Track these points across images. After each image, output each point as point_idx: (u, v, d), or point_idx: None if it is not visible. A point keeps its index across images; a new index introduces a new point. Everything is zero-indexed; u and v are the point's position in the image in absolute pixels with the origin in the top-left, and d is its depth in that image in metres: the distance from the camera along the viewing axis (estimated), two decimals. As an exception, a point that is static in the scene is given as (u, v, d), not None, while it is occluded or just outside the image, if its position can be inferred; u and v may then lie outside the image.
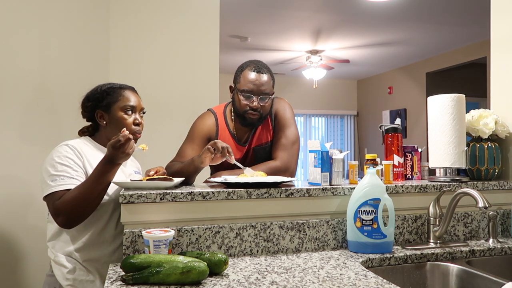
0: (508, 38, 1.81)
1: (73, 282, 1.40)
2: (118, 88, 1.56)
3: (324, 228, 1.46)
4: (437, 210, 1.50)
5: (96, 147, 1.54)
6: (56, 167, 1.39)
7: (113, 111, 1.52)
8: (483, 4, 3.70)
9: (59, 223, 1.36)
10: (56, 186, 1.36)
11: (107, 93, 1.54)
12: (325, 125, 9.25)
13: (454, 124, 1.63)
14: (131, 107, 1.53)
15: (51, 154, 1.44)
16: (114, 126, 1.51)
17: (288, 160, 1.76)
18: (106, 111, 1.53)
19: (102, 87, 1.56)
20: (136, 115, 1.55)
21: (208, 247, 1.34)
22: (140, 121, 1.55)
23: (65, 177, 1.38)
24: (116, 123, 1.51)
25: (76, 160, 1.43)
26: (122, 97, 1.53)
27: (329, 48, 6.34)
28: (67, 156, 1.42)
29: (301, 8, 4.58)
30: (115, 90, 1.55)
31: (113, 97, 1.53)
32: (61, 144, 1.46)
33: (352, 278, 1.15)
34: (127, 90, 1.56)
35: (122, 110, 1.52)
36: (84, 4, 2.44)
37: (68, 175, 1.38)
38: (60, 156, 1.42)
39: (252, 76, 1.71)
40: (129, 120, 1.52)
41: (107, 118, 1.53)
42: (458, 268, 1.37)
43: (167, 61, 2.67)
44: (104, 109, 1.53)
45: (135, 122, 1.54)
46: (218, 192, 1.36)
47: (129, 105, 1.53)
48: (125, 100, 1.53)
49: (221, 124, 1.82)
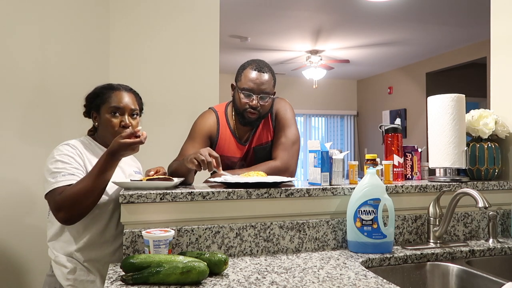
0: (508, 38, 1.81)
1: (74, 282, 1.40)
2: (109, 89, 1.54)
3: (324, 228, 1.46)
4: (437, 210, 1.50)
5: (95, 147, 1.54)
6: (57, 165, 1.39)
7: (102, 112, 1.51)
8: (483, 4, 3.70)
9: (60, 219, 1.35)
10: (56, 183, 1.36)
11: (97, 94, 1.54)
12: (325, 125, 9.25)
13: (454, 124, 1.63)
14: (117, 108, 1.50)
15: (52, 153, 1.45)
16: (103, 127, 1.51)
17: (288, 160, 1.76)
18: (97, 111, 1.54)
19: (97, 88, 1.56)
20: (125, 116, 1.51)
21: (208, 247, 1.34)
22: (127, 123, 1.51)
23: (66, 173, 1.37)
24: (104, 125, 1.51)
25: (77, 158, 1.43)
26: (110, 98, 1.51)
27: (329, 48, 6.34)
28: (67, 154, 1.42)
29: (301, 8, 4.58)
30: (105, 91, 1.53)
31: (102, 98, 1.52)
32: (62, 144, 1.47)
33: (352, 278, 1.15)
34: (118, 91, 1.53)
35: (108, 111, 1.50)
36: (84, 4, 2.44)
37: (68, 171, 1.38)
38: (61, 154, 1.42)
39: (253, 74, 1.71)
40: (115, 121, 1.50)
41: (98, 119, 1.53)
42: (458, 268, 1.37)
43: (167, 61, 2.67)
44: (96, 110, 1.54)
45: (122, 124, 1.50)
46: (218, 192, 1.36)
47: (115, 106, 1.50)
48: (112, 102, 1.50)
49: (222, 122, 1.82)
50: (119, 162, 1.58)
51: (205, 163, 1.40)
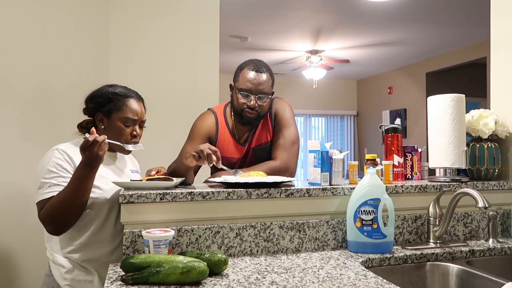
0: (508, 38, 1.81)
1: (71, 282, 1.40)
2: (123, 96, 1.51)
3: (324, 228, 1.46)
4: (437, 210, 1.50)
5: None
6: (45, 173, 1.40)
7: (113, 119, 1.49)
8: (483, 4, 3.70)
9: (48, 232, 1.38)
10: (40, 195, 1.37)
11: (111, 99, 1.50)
12: (325, 125, 9.25)
13: (454, 124, 1.63)
14: (132, 120, 1.50)
15: (42, 159, 1.45)
16: (111, 132, 1.48)
17: (288, 160, 1.76)
18: (106, 116, 1.50)
19: (108, 90, 1.52)
20: (136, 127, 1.52)
21: (208, 247, 1.34)
22: (137, 133, 1.52)
23: (52, 184, 1.38)
24: (114, 131, 1.49)
25: (65, 165, 1.41)
26: (126, 107, 1.50)
27: (329, 48, 6.34)
28: (55, 162, 1.41)
29: (301, 8, 4.58)
30: (120, 98, 1.51)
31: (116, 105, 1.49)
32: (52, 149, 1.46)
33: (352, 278, 1.15)
34: (132, 100, 1.52)
35: (122, 120, 1.49)
36: (84, 4, 2.44)
37: (54, 181, 1.38)
38: (49, 162, 1.41)
39: (251, 75, 1.71)
40: (128, 131, 1.50)
41: (106, 123, 1.51)
42: (458, 268, 1.37)
43: (167, 61, 2.67)
44: (104, 114, 1.50)
45: (133, 134, 1.51)
46: (218, 192, 1.36)
47: (130, 118, 1.50)
48: (127, 112, 1.49)
49: (221, 123, 1.82)
50: (116, 162, 1.59)
51: (205, 154, 1.41)
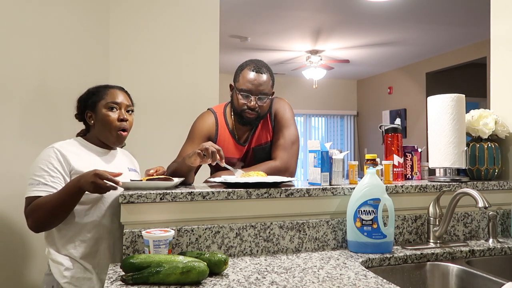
0: (508, 38, 1.81)
1: (71, 280, 1.41)
2: (103, 87, 1.59)
3: (324, 228, 1.46)
4: (437, 210, 1.50)
5: (87, 147, 1.56)
6: (36, 171, 1.43)
7: (98, 110, 1.54)
8: (483, 4, 3.70)
9: (28, 226, 1.41)
10: (28, 191, 1.41)
11: (93, 93, 1.57)
12: (325, 125, 9.25)
13: (454, 124, 1.63)
14: (115, 103, 1.54)
15: (39, 155, 1.47)
16: (101, 124, 1.54)
17: (288, 160, 1.76)
18: (92, 110, 1.55)
19: (89, 89, 1.60)
20: (122, 111, 1.55)
21: (208, 247, 1.34)
22: (125, 117, 1.55)
23: (40, 183, 1.41)
24: (102, 121, 1.53)
25: (56, 164, 1.44)
26: (106, 95, 1.55)
27: (329, 48, 6.34)
28: (48, 161, 1.44)
29: (301, 8, 4.58)
30: (100, 89, 1.58)
31: (98, 96, 1.55)
32: (49, 147, 1.49)
33: (352, 278, 1.15)
34: (112, 89, 1.58)
35: (106, 107, 1.53)
36: (84, 4, 2.44)
37: (43, 180, 1.41)
38: (42, 160, 1.45)
39: (251, 75, 1.71)
40: (113, 116, 1.53)
41: (94, 117, 1.55)
42: (458, 268, 1.37)
43: (167, 61, 2.67)
44: (91, 108, 1.56)
45: (120, 118, 1.54)
46: (218, 192, 1.36)
47: (112, 101, 1.54)
48: (109, 98, 1.55)
49: (220, 123, 1.82)
50: (113, 160, 1.60)
51: (209, 152, 1.43)
